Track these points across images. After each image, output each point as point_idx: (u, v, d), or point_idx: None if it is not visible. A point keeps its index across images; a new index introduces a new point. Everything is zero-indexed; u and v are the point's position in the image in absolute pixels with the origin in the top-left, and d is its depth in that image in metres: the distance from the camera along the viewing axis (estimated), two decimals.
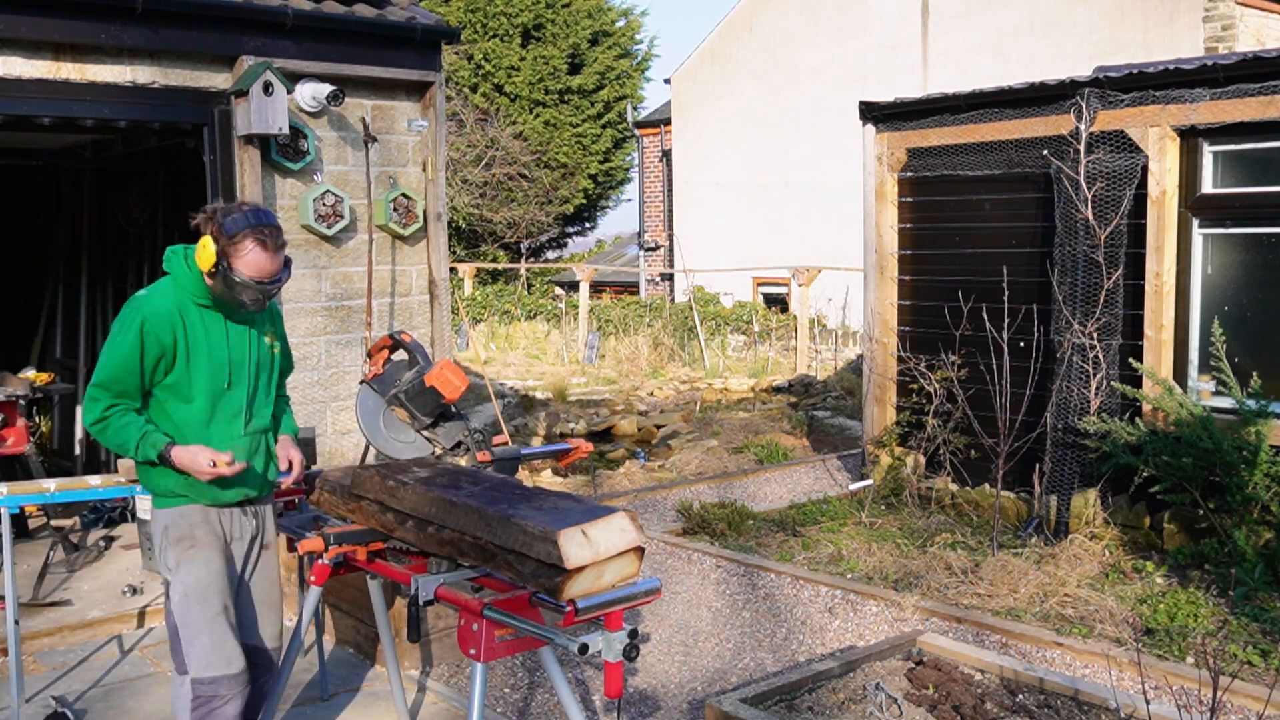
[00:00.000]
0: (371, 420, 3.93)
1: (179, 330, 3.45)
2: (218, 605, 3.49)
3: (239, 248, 3.37)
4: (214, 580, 3.50)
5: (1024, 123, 7.06)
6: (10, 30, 5.24)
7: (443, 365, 3.75)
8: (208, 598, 3.47)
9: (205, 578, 3.48)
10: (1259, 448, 5.79)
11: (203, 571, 3.48)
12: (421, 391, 3.77)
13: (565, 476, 9.33)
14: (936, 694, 4.42)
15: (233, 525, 3.63)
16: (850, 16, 17.89)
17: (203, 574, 3.48)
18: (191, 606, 3.45)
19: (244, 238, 3.37)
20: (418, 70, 6.60)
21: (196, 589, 3.47)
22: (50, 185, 9.08)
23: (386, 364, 3.98)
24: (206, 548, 3.52)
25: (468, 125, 23.84)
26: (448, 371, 3.72)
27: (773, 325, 17.73)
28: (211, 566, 3.50)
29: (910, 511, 7.41)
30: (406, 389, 3.82)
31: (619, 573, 3.05)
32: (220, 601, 3.50)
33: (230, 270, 3.38)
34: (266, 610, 3.73)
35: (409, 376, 3.84)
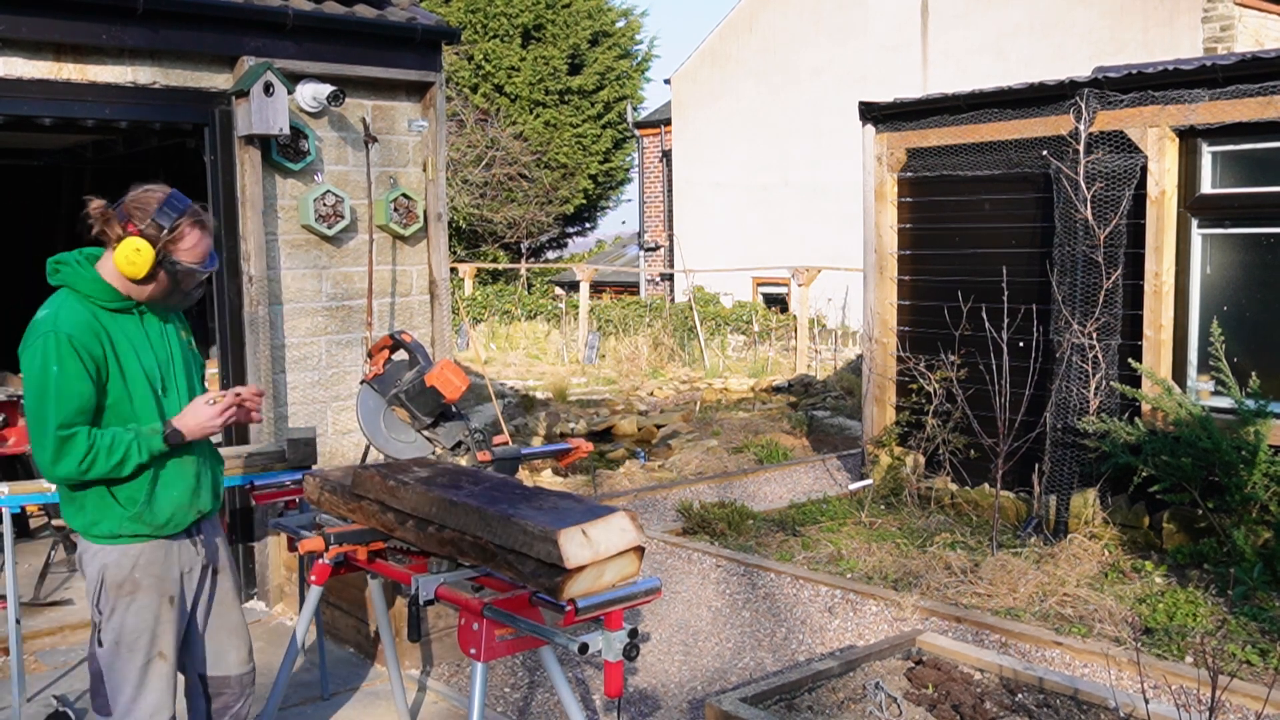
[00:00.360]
0: (372, 420, 3.93)
1: (105, 342, 3.13)
2: (148, 654, 3.24)
3: (179, 236, 3.11)
4: (148, 628, 3.23)
5: (1024, 123, 7.07)
6: (11, 31, 5.25)
7: (443, 365, 3.74)
8: (138, 647, 3.22)
9: (138, 626, 3.22)
10: (1258, 447, 5.80)
11: (136, 620, 3.21)
12: (422, 391, 3.77)
13: (565, 476, 9.34)
14: (936, 693, 4.43)
15: (181, 558, 3.32)
16: (850, 16, 17.90)
17: (136, 622, 3.21)
18: (120, 654, 3.21)
19: (182, 225, 3.12)
20: (418, 70, 6.61)
21: (128, 638, 3.21)
22: (51, 185, 9.09)
23: (387, 364, 3.97)
24: (147, 593, 3.23)
25: (468, 125, 23.85)
26: (448, 371, 3.71)
27: (773, 325, 17.74)
28: (147, 614, 3.23)
29: (910, 511, 7.42)
30: (407, 389, 3.80)
31: (619, 572, 3.06)
32: (153, 649, 3.24)
33: (176, 264, 3.13)
34: (229, 636, 3.50)
35: (409, 376, 3.83)
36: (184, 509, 3.30)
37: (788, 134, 18.90)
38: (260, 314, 6.01)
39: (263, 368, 6.01)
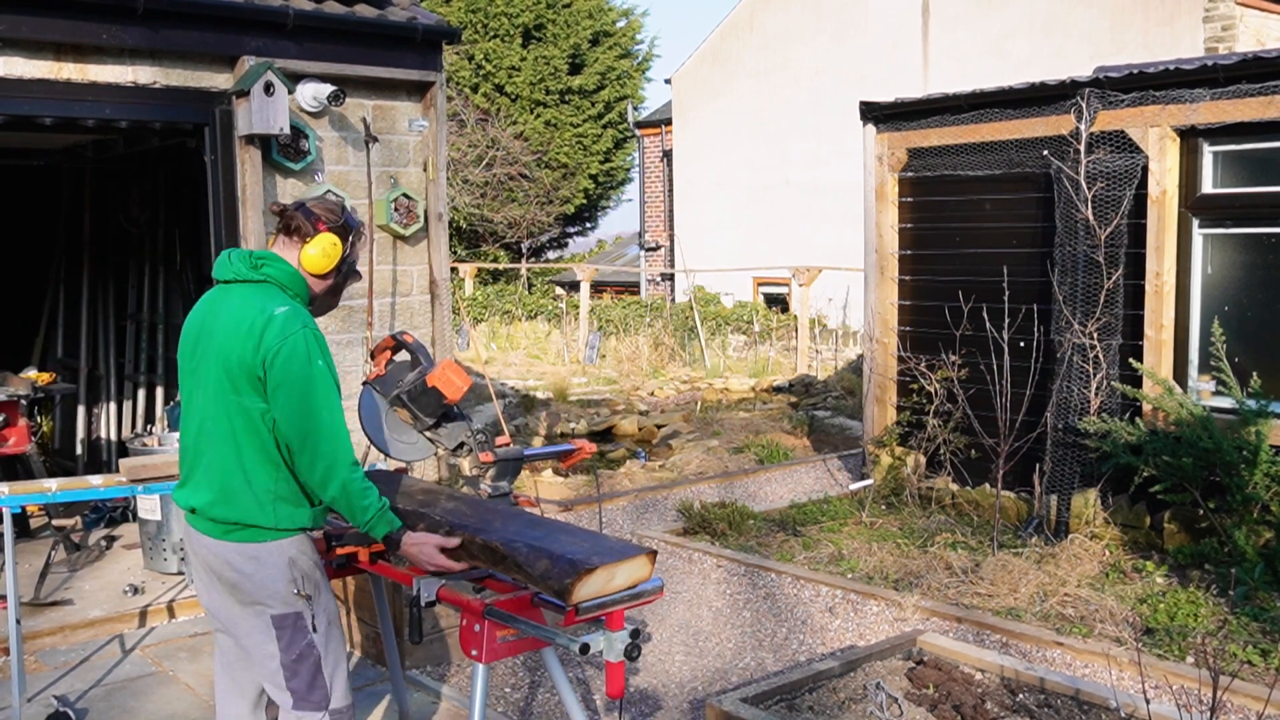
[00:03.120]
0: (374, 421, 3.91)
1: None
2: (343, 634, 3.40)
3: (360, 238, 3.36)
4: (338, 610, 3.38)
5: (1024, 123, 7.06)
6: (12, 30, 5.25)
7: (445, 365, 3.72)
8: (337, 625, 3.35)
9: (333, 608, 3.35)
10: (1259, 448, 5.80)
11: (330, 602, 3.33)
12: (424, 392, 3.74)
13: (566, 476, 9.34)
14: (937, 693, 4.42)
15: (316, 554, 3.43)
16: (850, 16, 17.89)
17: (331, 604, 3.34)
18: (333, 635, 3.29)
19: (361, 230, 3.38)
20: (419, 70, 6.60)
21: (335, 617, 3.33)
22: (51, 185, 9.09)
23: (389, 365, 3.95)
24: (325, 578, 3.35)
25: (469, 125, 23.85)
26: (450, 372, 3.69)
27: (773, 325, 17.74)
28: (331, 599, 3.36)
29: (911, 511, 7.42)
30: (409, 389, 3.78)
31: (630, 576, 3.05)
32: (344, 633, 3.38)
33: (354, 264, 3.36)
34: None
35: (411, 377, 3.81)
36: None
37: (788, 133, 18.90)
38: None
39: None
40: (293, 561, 3.17)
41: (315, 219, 3.25)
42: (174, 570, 6.24)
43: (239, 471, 3.10)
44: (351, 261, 3.35)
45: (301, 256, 3.22)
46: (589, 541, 3.17)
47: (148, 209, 8.60)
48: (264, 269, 3.18)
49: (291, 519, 3.17)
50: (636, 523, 7.67)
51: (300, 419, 3.06)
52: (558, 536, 3.22)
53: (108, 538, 6.97)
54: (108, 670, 5.12)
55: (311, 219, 3.24)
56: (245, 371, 3.05)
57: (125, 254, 8.84)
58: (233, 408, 3.08)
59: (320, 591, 3.26)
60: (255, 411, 3.08)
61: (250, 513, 3.12)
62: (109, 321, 8.96)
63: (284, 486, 3.14)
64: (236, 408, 3.08)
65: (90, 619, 5.61)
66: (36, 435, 7.74)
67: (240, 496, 3.11)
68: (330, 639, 3.27)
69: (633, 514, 7.92)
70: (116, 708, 4.71)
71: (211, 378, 3.11)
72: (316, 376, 3.08)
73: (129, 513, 7.26)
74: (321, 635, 3.24)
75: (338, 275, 3.32)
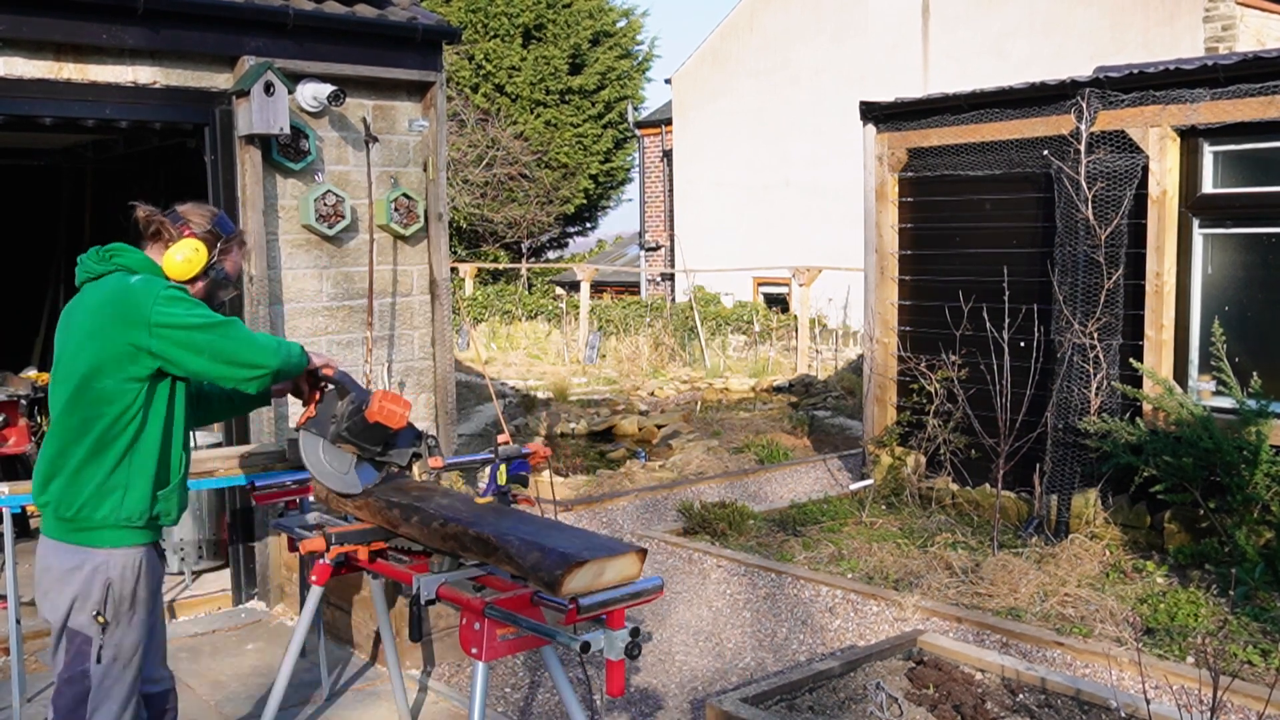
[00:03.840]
0: (317, 463, 3.72)
1: None
2: (138, 672, 3.17)
3: (229, 249, 3.25)
4: (142, 645, 3.15)
5: (1024, 123, 7.06)
6: (12, 30, 5.25)
7: (380, 397, 3.56)
8: (133, 665, 3.13)
9: (136, 643, 3.13)
10: (1259, 448, 5.80)
11: (135, 637, 3.12)
12: (368, 427, 3.61)
13: (566, 476, 9.34)
14: (937, 693, 4.42)
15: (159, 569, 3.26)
16: (850, 16, 17.89)
17: (135, 639, 3.12)
18: (113, 672, 3.09)
19: (234, 240, 3.26)
20: (419, 70, 6.60)
21: (126, 655, 3.11)
22: (52, 185, 9.09)
23: (318, 404, 3.70)
24: (144, 607, 3.14)
25: (469, 125, 23.85)
26: (388, 403, 3.54)
27: (773, 325, 17.73)
28: (143, 630, 3.15)
29: (911, 511, 7.42)
30: (349, 425, 3.61)
31: (619, 572, 3.06)
32: (140, 666, 3.17)
33: (223, 273, 3.24)
34: (163, 649, 3.44)
35: (347, 410, 3.62)
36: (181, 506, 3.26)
37: (788, 133, 18.90)
38: (261, 314, 6.01)
39: None
40: (110, 581, 3.06)
41: (181, 224, 3.17)
42: (174, 570, 6.24)
43: (79, 476, 3.05)
44: (220, 270, 3.22)
45: (164, 262, 3.13)
46: (581, 538, 3.19)
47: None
48: (114, 259, 3.11)
49: (123, 536, 3.07)
50: (637, 522, 7.67)
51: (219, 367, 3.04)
52: (550, 532, 3.24)
53: None
54: None
55: (178, 224, 3.17)
56: (111, 355, 2.98)
57: None
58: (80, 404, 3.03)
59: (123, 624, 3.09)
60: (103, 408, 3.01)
61: (84, 519, 3.05)
62: None
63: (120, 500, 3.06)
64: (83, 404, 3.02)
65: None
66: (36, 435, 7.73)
67: (79, 502, 3.05)
68: (111, 676, 3.08)
69: (633, 514, 7.92)
70: None
71: (66, 378, 3.06)
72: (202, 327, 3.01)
73: None
74: (102, 668, 3.06)
75: (206, 283, 3.21)
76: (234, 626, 5.74)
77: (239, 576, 6.10)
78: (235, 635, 5.62)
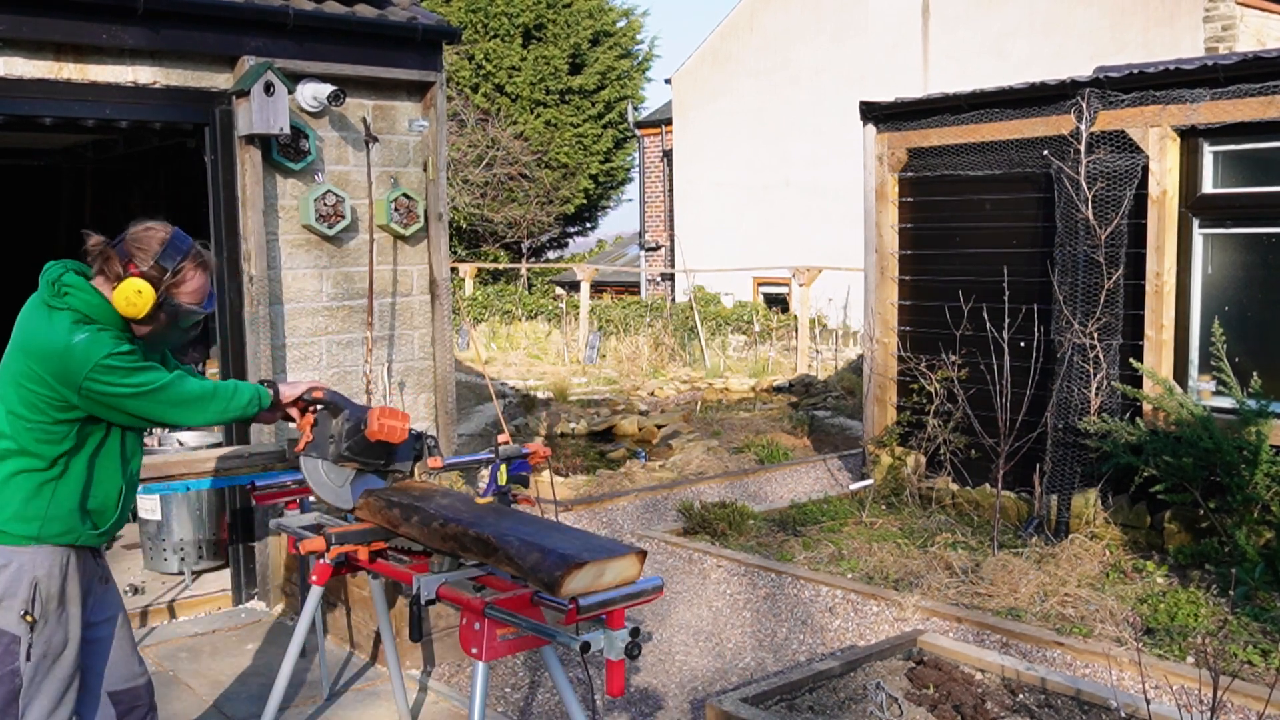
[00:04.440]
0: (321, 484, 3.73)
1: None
2: (72, 670, 3.13)
3: (181, 280, 3.07)
4: (75, 643, 3.13)
5: (1024, 123, 7.06)
6: (12, 31, 5.25)
7: (378, 415, 3.54)
8: (64, 662, 3.10)
9: (66, 640, 3.11)
10: (1259, 448, 5.80)
11: (65, 633, 3.10)
12: (369, 445, 3.61)
13: (566, 476, 9.34)
14: (937, 693, 4.42)
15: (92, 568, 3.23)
16: (850, 16, 17.89)
17: (64, 636, 3.10)
18: (42, 669, 3.06)
19: (185, 268, 3.07)
20: (419, 70, 6.60)
21: (55, 652, 3.08)
22: (52, 185, 9.09)
23: (313, 427, 3.69)
24: (74, 604, 3.12)
25: (469, 125, 23.85)
26: (387, 419, 3.53)
27: (773, 325, 17.74)
28: (75, 627, 3.12)
29: (911, 511, 7.42)
30: (349, 444, 3.60)
31: (619, 574, 3.06)
32: (76, 666, 3.14)
33: (177, 305, 3.08)
34: (132, 649, 3.38)
35: (344, 428, 3.60)
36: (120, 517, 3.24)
37: (788, 133, 18.90)
38: (261, 314, 6.01)
39: (263, 368, 6.01)
40: (36, 580, 3.03)
41: (127, 260, 3.03)
42: (174, 570, 6.24)
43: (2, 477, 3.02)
44: (172, 303, 3.07)
45: (114, 301, 3.03)
46: (580, 539, 3.20)
47: (148, 209, 8.60)
48: (67, 297, 3.03)
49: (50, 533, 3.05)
50: (637, 522, 7.67)
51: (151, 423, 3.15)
52: (550, 533, 3.25)
53: None
54: None
55: (123, 260, 3.03)
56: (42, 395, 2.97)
57: None
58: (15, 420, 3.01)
59: (52, 621, 3.07)
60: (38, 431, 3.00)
61: (6, 519, 3.02)
62: None
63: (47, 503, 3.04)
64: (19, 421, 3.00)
65: None
66: None
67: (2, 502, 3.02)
68: (41, 673, 3.06)
69: (633, 514, 7.92)
70: None
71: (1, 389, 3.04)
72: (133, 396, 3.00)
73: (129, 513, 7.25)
74: (31, 666, 3.04)
75: (159, 320, 3.09)
76: (234, 626, 5.74)
77: (239, 576, 6.10)
78: (235, 635, 5.62)
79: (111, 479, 3.18)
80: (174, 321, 3.12)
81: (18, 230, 9.04)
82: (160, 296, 3.05)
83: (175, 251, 3.07)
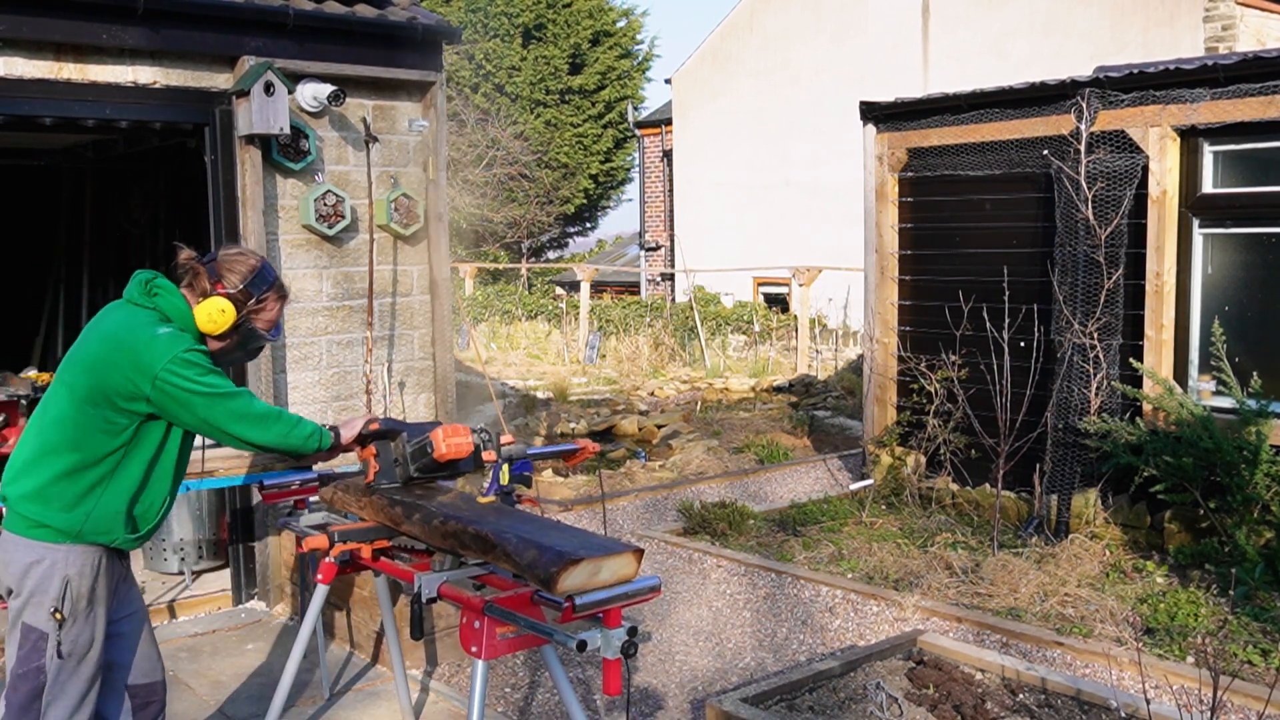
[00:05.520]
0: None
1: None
2: (96, 668, 3.18)
3: (263, 308, 3.26)
4: (100, 642, 3.17)
5: (1024, 123, 7.06)
6: (12, 30, 5.25)
7: (443, 436, 3.63)
8: (89, 660, 3.15)
9: (93, 639, 3.15)
10: (1259, 448, 5.80)
11: (92, 632, 3.15)
12: (440, 467, 3.71)
13: (567, 476, 9.33)
14: (937, 693, 4.42)
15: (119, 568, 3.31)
16: (850, 16, 17.89)
17: (91, 634, 3.15)
18: (68, 666, 3.11)
19: (270, 297, 3.26)
20: (419, 70, 6.60)
21: (81, 650, 3.13)
22: (51, 185, 9.09)
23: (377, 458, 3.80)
24: (102, 605, 3.18)
25: (469, 125, 23.86)
26: (452, 438, 3.63)
27: (773, 325, 17.73)
28: (100, 626, 3.18)
29: (911, 511, 7.42)
30: (418, 466, 3.70)
31: (615, 572, 3.06)
32: (100, 664, 3.18)
33: (252, 330, 3.27)
34: (151, 644, 3.45)
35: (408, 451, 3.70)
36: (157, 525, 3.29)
37: (788, 133, 18.90)
38: None
39: (263, 367, 6.01)
40: (68, 579, 3.08)
41: (216, 279, 3.19)
42: (174, 570, 6.25)
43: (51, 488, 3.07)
44: (249, 327, 3.24)
45: (195, 315, 3.18)
46: (578, 537, 3.21)
47: (148, 209, 8.60)
48: (157, 299, 3.16)
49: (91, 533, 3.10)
50: (637, 522, 7.67)
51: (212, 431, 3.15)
52: (548, 531, 3.26)
53: None
54: None
55: (213, 279, 3.19)
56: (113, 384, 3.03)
57: (125, 254, 8.84)
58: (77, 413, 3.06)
59: (81, 619, 3.11)
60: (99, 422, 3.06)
61: (51, 513, 3.07)
62: None
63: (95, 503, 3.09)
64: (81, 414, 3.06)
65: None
66: None
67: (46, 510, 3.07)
68: (66, 672, 3.10)
69: (633, 514, 7.92)
70: None
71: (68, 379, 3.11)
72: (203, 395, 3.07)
73: None
74: (57, 664, 3.09)
75: (231, 339, 3.25)
76: (234, 626, 5.75)
77: (239, 576, 6.10)
78: (235, 635, 5.62)
79: (161, 485, 3.23)
80: (243, 343, 3.30)
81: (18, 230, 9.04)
82: (240, 319, 3.22)
83: (262, 281, 3.25)
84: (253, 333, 3.27)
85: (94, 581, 3.14)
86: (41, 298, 9.17)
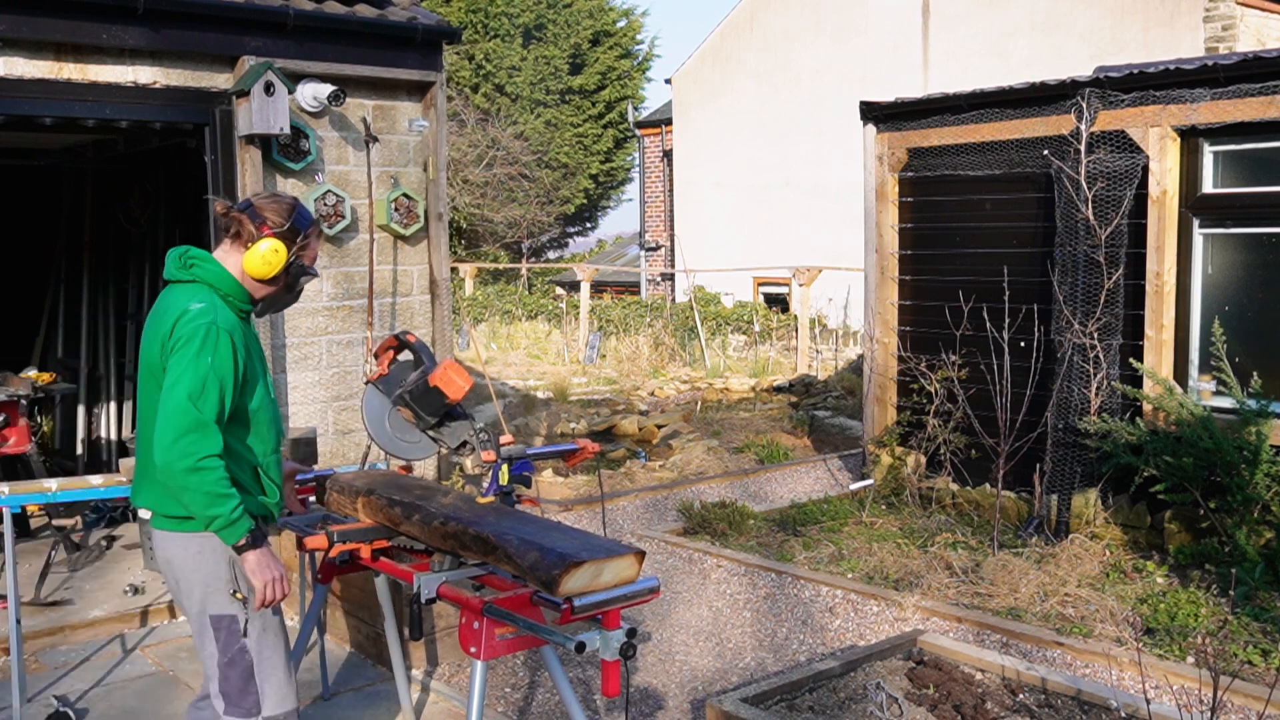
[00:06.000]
0: (377, 421, 3.89)
1: (239, 346, 3.12)
2: (283, 629, 3.28)
3: (309, 243, 3.27)
4: (280, 614, 3.27)
5: (1025, 123, 7.06)
6: (12, 30, 5.25)
7: (446, 365, 3.69)
8: (280, 631, 3.25)
9: (274, 612, 3.24)
10: (1259, 447, 5.79)
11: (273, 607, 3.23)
12: (426, 392, 3.71)
13: (567, 476, 9.33)
14: (937, 693, 4.42)
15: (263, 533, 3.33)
16: (850, 16, 17.89)
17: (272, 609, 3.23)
18: (267, 641, 3.18)
19: (313, 233, 3.28)
20: (419, 70, 6.60)
21: (274, 623, 3.22)
22: (52, 185, 9.09)
23: (392, 365, 3.92)
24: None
25: (469, 125, 23.86)
26: (451, 372, 3.66)
27: (773, 325, 17.73)
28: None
29: (911, 511, 7.42)
30: (411, 389, 3.76)
31: (617, 574, 3.06)
32: (284, 623, 3.28)
33: (302, 268, 3.26)
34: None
35: (414, 377, 3.79)
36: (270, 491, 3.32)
37: (788, 134, 18.90)
38: None
39: None
40: (232, 560, 3.11)
41: (260, 222, 3.17)
42: None
43: None
44: (298, 265, 3.26)
45: (244, 262, 3.16)
46: (579, 539, 3.20)
47: (148, 209, 8.60)
48: (194, 269, 3.16)
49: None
50: (637, 522, 7.67)
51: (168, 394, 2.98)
52: (549, 533, 3.25)
53: (108, 538, 6.96)
54: (108, 670, 5.12)
55: (256, 222, 3.17)
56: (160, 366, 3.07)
57: (125, 254, 8.84)
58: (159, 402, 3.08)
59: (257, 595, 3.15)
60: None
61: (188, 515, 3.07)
62: (109, 321, 8.96)
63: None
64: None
65: (91, 619, 5.61)
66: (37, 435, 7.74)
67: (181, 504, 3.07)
68: (264, 645, 3.18)
69: (633, 514, 7.92)
70: (117, 708, 4.71)
71: (142, 377, 3.16)
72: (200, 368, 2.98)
73: (129, 513, 7.26)
74: (254, 640, 3.16)
75: (286, 278, 3.25)
76: None
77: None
78: None
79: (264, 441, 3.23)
80: (291, 284, 3.27)
81: (18, 230, 9.04)
82: (291, 256, 3.21)
83: (304, 218, 3.25)
84: (301, 269, 3.26)
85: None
86: (41, 298, 9.17)
